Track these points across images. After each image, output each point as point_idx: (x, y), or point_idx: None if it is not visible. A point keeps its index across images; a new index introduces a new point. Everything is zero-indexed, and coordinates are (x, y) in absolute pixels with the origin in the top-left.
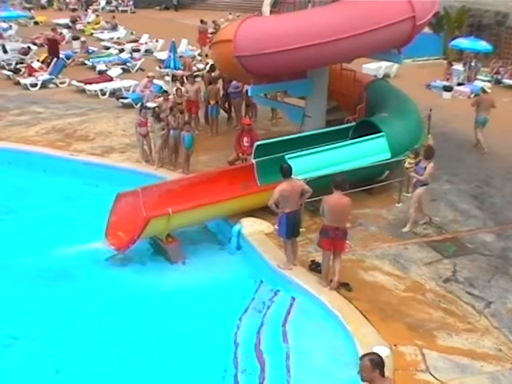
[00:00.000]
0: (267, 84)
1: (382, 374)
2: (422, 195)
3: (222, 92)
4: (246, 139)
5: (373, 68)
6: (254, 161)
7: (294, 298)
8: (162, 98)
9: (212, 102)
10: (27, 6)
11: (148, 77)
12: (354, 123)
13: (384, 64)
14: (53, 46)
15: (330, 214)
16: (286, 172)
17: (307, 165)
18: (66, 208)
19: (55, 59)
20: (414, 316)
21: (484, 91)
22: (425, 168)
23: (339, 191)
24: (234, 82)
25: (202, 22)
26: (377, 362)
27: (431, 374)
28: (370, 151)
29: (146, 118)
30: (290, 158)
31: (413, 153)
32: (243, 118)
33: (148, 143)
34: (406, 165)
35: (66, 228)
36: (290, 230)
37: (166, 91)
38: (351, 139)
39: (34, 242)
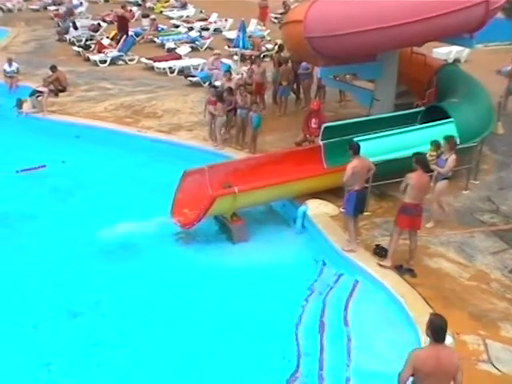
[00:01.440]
0: (337, 66)
1: (436, 338)
2: (444, 190)
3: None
4: (314, 121)
5: (443, 52)
6: (321, 142)
7: (357, 281)
8: (224, 78)
9: (284, 83)
10: None
11: (214, 54)
12: (423, 108)
13: (455, 48)
14: (122, 24)
15: (413, 190)
16: (356, 149)
17: (375, 148)
18: (132, 184)
19: (125, 36)
20: (478, 305)
21: None
22: (446, 160)
23: (421, 170)
24: (303, 64)
25: None
26: (434, 324)
27: (493, 365)
28: (438, 137)
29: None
30: (358, 141)
31: (434, 145)
32: (312, 99)
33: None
34: (427, 157)
35: (133, 204)
36: (359, 207)
37: (228, 71)
38: (420, 124)
39: (100, 216)
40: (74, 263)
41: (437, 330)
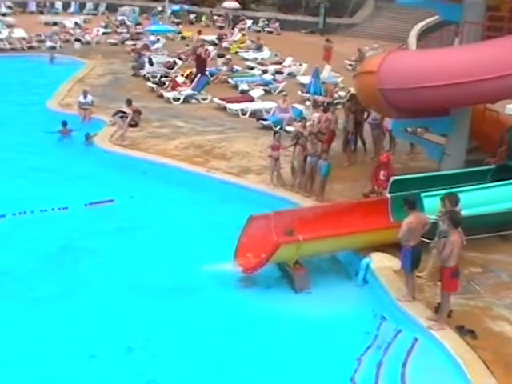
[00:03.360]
0: (409, 119)
1: None
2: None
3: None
4: (382, 173)
5: None
6: (389, 195)
7: (416, 339)
8: (300, 125)
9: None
10: (175, 20)
11: (283, 95)
12: (493, 166)
13: None
14: (200, 62)
15: (458, 250)
16: (413, 204)
17: None
18: (197, 224)
19: (199, 75)
20: None
21: None
22: None
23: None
24: (373, 114)
25: (327, 40)
26: None
27: None
28: (508, 196)
29: (279, 141)
30: (425, 197)
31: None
32: (381, 150)
33: (278, 167)
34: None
35: (197, 244)
36: (415, 263)
37: (303, 117)
38: (490, 182)
39: (163, 254)
40: (133, 299)
41: None
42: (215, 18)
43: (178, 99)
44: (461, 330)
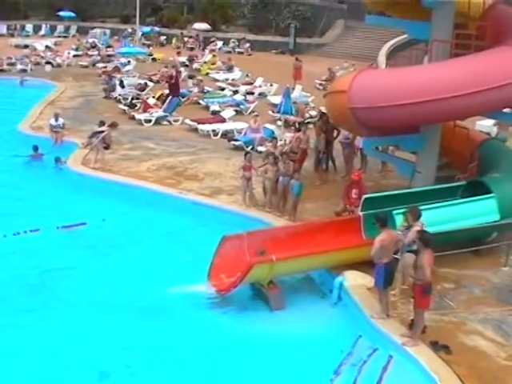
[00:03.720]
0: (380, 137)
1: None
2: (410, 263)
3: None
4: (354, 191)
5: (487, 125)
6: (361, 213)
7: (391, 356)
8: (270, 145)
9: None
10: (146, 42)
11: (254, 116)
12: (464, 182)
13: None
14: (173, 84)
15: (430, 268)
16: (385, 222)
17: None
18: (170, 246)
19: (170, 97)
20: None
21: None
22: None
23: (429, 248)
24: (344, 133)
25: (296, 59)
26: None
27: None
28: (478, 211)
29: (250, 162)
30: (397, 214)
31: (405, 216)
32: (353, 169)
33: (251, 187)
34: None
35: (169, 266)
36: (388, 280)
37: (275, 137)
38: (461, 198)
39: (136, 276)
40: (107, 322)
41: None
42: (186, 39)
43: (150, 121)
44: (435, 346)
